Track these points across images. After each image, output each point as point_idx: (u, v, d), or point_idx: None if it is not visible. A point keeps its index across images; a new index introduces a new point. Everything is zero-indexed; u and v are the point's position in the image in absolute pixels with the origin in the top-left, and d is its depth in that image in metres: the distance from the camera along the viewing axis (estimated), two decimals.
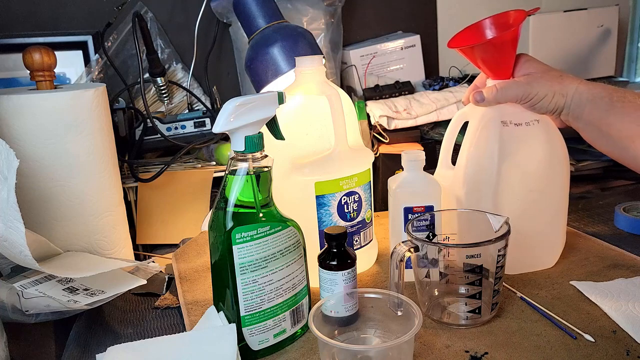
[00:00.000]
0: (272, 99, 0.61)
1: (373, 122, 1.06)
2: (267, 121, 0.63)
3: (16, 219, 0.62)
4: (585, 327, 0.64)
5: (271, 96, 0.62)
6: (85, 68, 1.06)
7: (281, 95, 0.62)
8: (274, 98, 0.62)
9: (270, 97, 0.61)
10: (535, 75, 0.72)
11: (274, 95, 0.62)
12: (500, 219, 0.67)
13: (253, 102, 0.60)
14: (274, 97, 0.62)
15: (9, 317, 0.68)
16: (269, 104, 0.61)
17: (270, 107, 0.62)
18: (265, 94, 0.62)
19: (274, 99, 0.62)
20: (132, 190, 1.01)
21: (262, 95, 0.61)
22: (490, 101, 0.74)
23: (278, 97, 0.62)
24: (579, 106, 0.71)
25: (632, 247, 0.85)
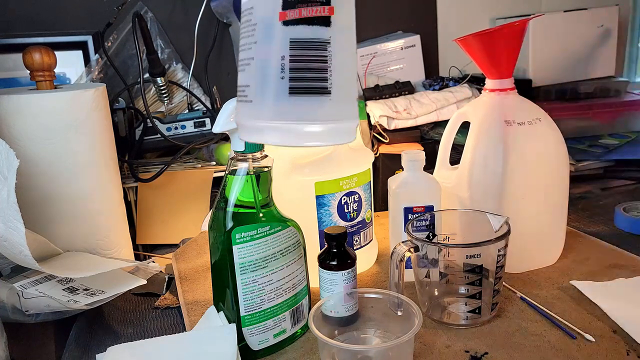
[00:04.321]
0: None
1: (373, 122, 1.06)
2: None
3: (16, 219, 0.62)
4: (585, 327, 0.64)
5: None
6: (85, 68, 1.06)
7: None
8: None
9: None
10: None
11: None
12: (500, 219, 0.67)
13: None
14: None
15: (9, 317, 0.68)
16: None
17: None
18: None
19: None
20: (132, 190, 1.01)
21: None
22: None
23: None
24: None
25: (632, 247, 0.85)
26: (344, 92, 0.38)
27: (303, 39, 0.37)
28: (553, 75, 1.25)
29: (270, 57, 0.37)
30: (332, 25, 0.38)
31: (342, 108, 0.38)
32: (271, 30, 0.38)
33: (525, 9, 1.35)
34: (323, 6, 0.38)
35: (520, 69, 1.24)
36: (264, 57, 0.38)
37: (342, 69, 0.38)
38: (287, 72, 0.37)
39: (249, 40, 0.39)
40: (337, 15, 0.38)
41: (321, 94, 0.37)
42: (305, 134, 0.37)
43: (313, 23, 0.37)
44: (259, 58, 0.38)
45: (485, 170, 0.75)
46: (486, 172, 0.75)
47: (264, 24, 0.38)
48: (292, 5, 0.37)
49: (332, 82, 0.37)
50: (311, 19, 0.37)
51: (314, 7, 0.37)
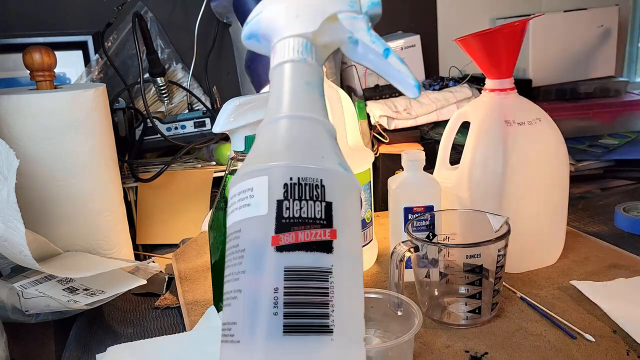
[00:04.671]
0: None
1: (373, 122, 1.06)
2: None
3: (16, 219, 0.62)
4: (585, 327, 0.64)
5: None
6: (85, 68, 1.06)
7: None
8: None
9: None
10: None
11: None
12: (500, 219, 0.67)
13: (253, 102, 0.60)
14: None
15: (9, 317, 0.68)
16: None
17: None
18: (265, 94, 0.62)
19: None
20: (132, 190, 1.01)
21: (262, 95, 0.61)
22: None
23: None
24: None
25: (632, 247, 0.85)
26: (349, 330, 0.32)
27: (300, 267, 0.32)
28: (553, 75, 1.25)
29: (261, 289, 0.31)
30: (334, 252, 0.32)
31: (346, 349, 0.32)
32: (262, 257, 0.32)
33: (525, 9, 1.35)
34: (324, 229, 0.33)
35: (520, 69, 1.24)
36: (253, 290, 0.32)
37: (345, 303, 0.32)
38: (281, 307, 0.31)
39: (236, 269, 0.33)
40: (341, 239, 0.33)
41: (322, 332, 0.31)
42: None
43: (312, 249, 0.32)
44: (247, 290, 0.32)
45: (485, 170, 0.75)
46: (486, 172, 0.75)
47: (253, 250, 0.33)
48: (287, 228, 0.32)
49: (335, 318, 0.31)
50: (310, 244, 0.32)
51: (312, 231, 0.32)
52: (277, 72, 0.38)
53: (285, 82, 0.37)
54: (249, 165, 0.35)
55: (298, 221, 0.32)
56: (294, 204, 0.33)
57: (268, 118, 0.36)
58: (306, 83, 0.37)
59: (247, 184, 0.34)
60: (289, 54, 0.38)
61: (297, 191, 0.33)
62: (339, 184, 0.35)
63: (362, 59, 0.40)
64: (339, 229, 0.33)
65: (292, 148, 0.35)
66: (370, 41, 0.39)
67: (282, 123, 0.35)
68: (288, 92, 0.37)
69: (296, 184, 0.33)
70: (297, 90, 0.37)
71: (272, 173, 0.33)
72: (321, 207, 0.33)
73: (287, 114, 0.36)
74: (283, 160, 0.34)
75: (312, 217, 0.33)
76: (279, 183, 0.33)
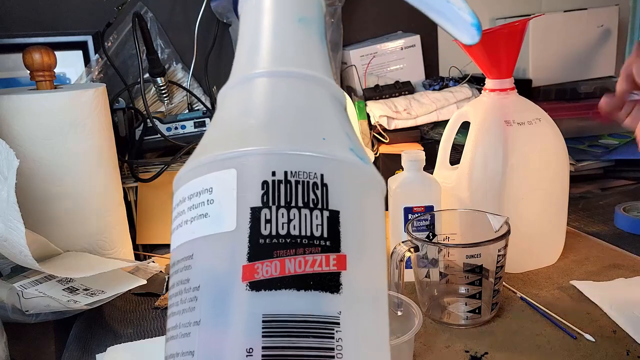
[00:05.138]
0: None
1: (373, 122, 1.06)
2: None
3: (16, 219, 0.62)
4: (585, 327, 0.64)
5: None
6: (85, 68, 1.06)
7: None
8: None
9: None
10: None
11: None
12: (500, 219, 0.67)
13: None
14: None
15: (9, 317, 0.68)
16: None
17: None
18: None
19: None
20: (132, 190, 1.01)
21: None
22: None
23: None
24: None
25: (632, 247, 0.85)
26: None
27: (288, 317, 0.19)
28: (553, 75, 1.25)
29: (225, 351, 0.19)
30: (343, 291, 0.20)
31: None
32: (227, 299, 0.20)
33: (525, 9, 1.35)
34: (326, 254, 0.20)
35: (520, 69, 1.24)
36: (213, 352, 0.19)
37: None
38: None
39: (186, 318, 0.21)
40: (354, 270, 0.20)
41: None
42: None
43: (308, 287, 0.20)
44: (203, 354, 0.20)
45: (485, 170, 0.75)
46: (486, 172, 0.75)
47: (213, 287, 0.20)
48: (267, 254, 0.19)
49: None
50: (304, 279, 0.19)
51: (308, 257, 0.19)
52: (251, 3, 0.24)
53: (265, 17, 0.23)
54: (207, 152, 0.22)
55: (285, 242, 0.20)
56: (279, 213, 0.20)
57: (237, 76, 0.24)
58: (298, 19, 0.23)
59: (202, 181, 0.21)
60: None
61: (284, 193, 0.20)
62: (350, 182, 0.22)
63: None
64: (351, 254, 0.21)
65: (276, 124, 0.21)
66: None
67: (259, 84, 0.23)
68: (269, 34, 0.23)
69: (282, 182, 0.20)
70: (284, 31, 0.23)
71: (244, 164, 0.21)
72: (322, 219, 0.21)
73: (268, 70, 0.23)
74: (261, 143, 0.21)
75: (307, 236, 0.20)
76: (255, 180, 0.21)
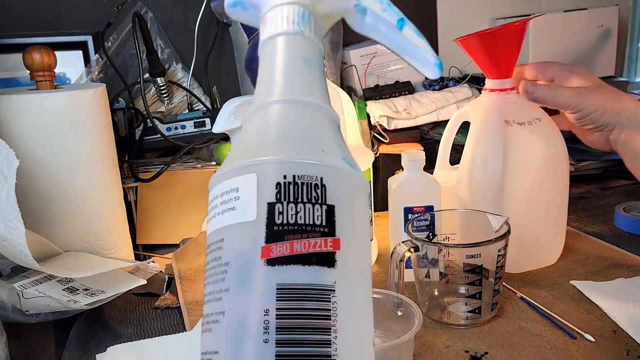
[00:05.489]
0: None
1: (373, 122, 1.06)
2: None
3: (16, 219, 0.62)
4: (585, 327, 0.64)
5: None
6: (85, 68, 1.06)
7: None
8: None
9: None
10: (588, 88, 0.69)
11: None
12: (500, 219, 0.67)
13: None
14: None
15: (9, 317, 0.68)
16: None
17: None
18: None
19: None
20: (132, 190, 1.01)
21: None
22: (538, 98, 0.70)
23: None
24: (633, 129, 0.67)
25: (632, 247, 0.85)
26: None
27: (296, 285, 0.26)
28: None
29: (248, 311, 0.26)
30: (337, 266, 0.27)
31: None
32: (250, 272, 0.26)
33: (525, 9, 1.35)
34: (324, 238, 0.27)
35: None
36: (239, 312, 0.26)
37: (351, 329, 0.27)
38: (272, 333, 0.25)
39: (218, 287, 0.28)
40: (345, 250, 0.27)
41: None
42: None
43: (310, 262, 0.26)
44: (232, 313, 0.27)
45: (485, 171, 0.75)
46: (486, 172, 0.75)
47: (239, 263, 0.27)
48: (280, 237, 0.26)
49: (338, 346, 0.26)
50: (307, 257, 0.26)
51: (311, 240, 0.27)
52: (268, 47, 0.31)
53: (278, 59, 0.31)
54: (234, 161, 0.29)
55: (294, 228, 0.27)
56: (289, 207, 0.27)
57: (257, 103, 0.30)
58: (303, 60, 0.31)
59: (231, 183, 0.29)
60: (282, 25, 0.31)
61: (293, 192, 0.27)
62: (343, 184, 0.29)
63: (372, 31, 0.34)
64: (343, 238, 0.28)
65: (286, 139, 0.29)
66: (382, 9, 0.33)
67: (273, 109, 0.29)
68: (281, 71, 0.30)
69: (291, 183, 0.27)
70: (293, 69, 0.31)
71: (262, 170, 0.28)
72: (322, 211, 0.28)
73: (280, 98, 0.29)
74: (275, 154, 0.28)
75: (310, 224, 0.27)
76: (271, 182, 0.27)
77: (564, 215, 0.80)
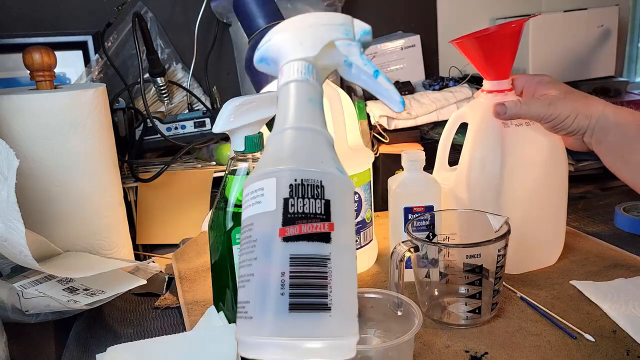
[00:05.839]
0: (272, 99, 0.62)
1: (373, 122, 1.06)
2: (267, 121, 0.63)
3: (16, 219, 0.62)
4: (585, 327, 0.64)
5: (271, 96, 0.62)
6: (85, 68, 1.06)
7: None
8: (274, 98, 0.62)
9: (270, 97, 0.62)
10: (558, 96, 0.71)
11: (274, 95, 0.62)
12: (500, 219, 0.67)
13: (253, 102, 0.60)
14: (274, 97, 0.62)
15: (9, 317, 0.68)
16: (269, 104, 0.61)
17: (270, 107, 0.62)
18: (265, 94, 0.62)
19: (274, 99, 0.62)
20: (132, 190, 1.01)
21: (262, 95, 0.61)
22: (511, 116, 0.72)
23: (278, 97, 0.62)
24: (603, 129, 0.69)
25: (632, 247, 0.85)
26: (344, 308, 0.38)
27: (303, 255, 0.37)
28: (553, 75, 1.24)
29: (270, 273, 0.37)
30: (332, 242, 0.38)
31: (342, 324, 0.37)
32: (271, 246, 0.37)
33: (525, 9, 1.35)
34: (323, 222, 0.38)
35: (520, 69, 1.24)
36: (264, 274, 0.37)
37: (342, 285, 0.38)
38: (287, 289, 0.36)
39: (249, 256, 0.39)
40: (337, 231, 0.38)
41: (321, 310, 0.36)
42: (305, 351, 0.36)
43: (313, 239, 0.37)
44: (259, 274, 0.38)
45: (483, 172, 0.75)
46: (484, 173, 0.75)
47: (263, 240, 0.38)
48: (292, 222, 0.37)
49: (332, 298, 0.37)
50: (311, 235, 0.37)
51: (314, 224, 0.37)
52: (284, 90, 0.45)
53: (291, 98, 0.44)
54: (260, 169, 0.40)
55: (301, 216, 0.38)
56: (298, 201, 0.38)
57: (276, 129, 0.42)
58: (308, 99, 0.43)
59: (258, 184, 0.40)
60: (293, 75, 0.44)
61: (301, 190, 0.38)
62: (336, 185, 0.40)
63: (355, 79, 0.46)
64: (336, 222, 0.38)
65: (297, 154, 0.40)
66: (363, 64, 0.45)
67: (288, 133, 0.41)
68: (293, 107, 0.43)
69: (300, 185, 0.38)
70: (301, 106, 0.43)
71: (280, 175, 0.39)
72: (321, 204, 0.38)
73: (292, 126, 0.42)
74: (289, 164, 0.39)
75: (313, 213, 0.38)
76: (286, 184, 0.38)
77: (563, 216, 0.80)
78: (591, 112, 0.70)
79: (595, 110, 0.70)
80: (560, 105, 0.70)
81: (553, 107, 0.70)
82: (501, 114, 0.72)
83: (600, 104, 0.70)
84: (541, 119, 0.71)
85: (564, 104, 0.70)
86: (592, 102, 0.71)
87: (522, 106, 0.72)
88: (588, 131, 0.70)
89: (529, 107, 0.71)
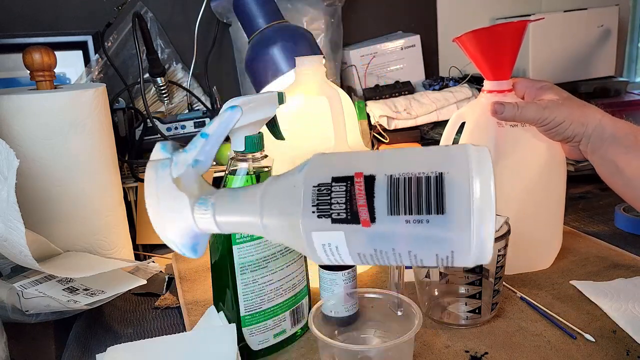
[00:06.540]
0: (272, 99, 0.61)
1: (373, 122, 1.06)
2: (267, 121, 0.63)
3: (16, 219, 0.62)
4: (585, 327, 0.64)
5: (271, 96, 0.61)
6: (85, 68, 1.06)
7: (281, 96, 0.62)
8: (274, 98, 0.62)
9: (270, 97, 0.61)
10: (555, 101, 0.71)
11: (274, 95, 0.62)
12: (500, 219, 0.67)
13: (253, 102, 0.60)
14: (274, 97, 0.62)
15: (9, 317, 0.68)
16: (269, 104, 0.61)
17: (271, 107, 0.62)
18: (265, 94, 0.62)
19: (274, 99, 0.62)
20: (132, 190, 1.01)
21: (262, 95, 0.61)
22: (507, 117, 0.72)
23: (278, 97, 0.62)
24: (599, 139, 0.69)
25: (632, 247, 0.85)
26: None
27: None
28: (553, 75, 1.25)
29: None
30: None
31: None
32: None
33: (525, 9, 1.35)
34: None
35: (520, 69, 1.24)
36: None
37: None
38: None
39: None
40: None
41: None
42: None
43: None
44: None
45: None
46: None
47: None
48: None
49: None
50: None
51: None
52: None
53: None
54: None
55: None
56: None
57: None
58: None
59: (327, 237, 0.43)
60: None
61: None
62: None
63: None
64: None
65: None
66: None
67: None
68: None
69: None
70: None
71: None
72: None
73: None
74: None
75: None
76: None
77: (560, 218, 0.80)
78: (587, 121, 0.69)
79: (592, 119, 0.69)
80: (556, 110, 0.70)
81: (548, 111, 0.70)
82: (498, 112, 0.72)
83: (598, 113, 0.70)
84: (536, 122, 0.71)
85: (560, 109, 0.70)
86: (589, 110, 0.70)
87: (518, 109, 0.71)
88: (584, 139, 0.70)
89: (525, 110, 0.71)
